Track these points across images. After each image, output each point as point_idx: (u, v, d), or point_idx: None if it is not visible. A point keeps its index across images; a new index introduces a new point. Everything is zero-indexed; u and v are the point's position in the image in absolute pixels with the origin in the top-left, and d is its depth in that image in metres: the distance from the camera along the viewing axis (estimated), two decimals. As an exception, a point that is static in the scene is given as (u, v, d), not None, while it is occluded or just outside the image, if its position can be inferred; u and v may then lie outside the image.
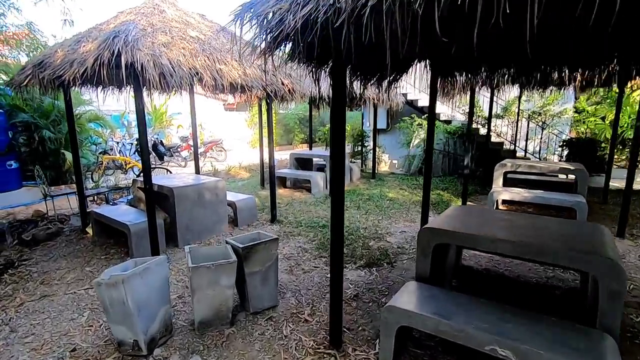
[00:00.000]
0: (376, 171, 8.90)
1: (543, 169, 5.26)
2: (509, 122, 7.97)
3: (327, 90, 5.97)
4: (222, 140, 12.35)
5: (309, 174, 7.34)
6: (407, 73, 3.95)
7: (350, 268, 3.77)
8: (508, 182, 5.81)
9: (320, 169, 8.88)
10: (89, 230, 4.90)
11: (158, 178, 5.27)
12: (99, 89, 5.71)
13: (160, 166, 6.91)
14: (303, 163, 8.47)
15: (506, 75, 4.56)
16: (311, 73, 2.92)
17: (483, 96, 7.76)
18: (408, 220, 5.42)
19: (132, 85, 3.30)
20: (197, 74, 3.43)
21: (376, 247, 4.33)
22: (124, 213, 4.48)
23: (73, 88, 5.26)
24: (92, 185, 7.65)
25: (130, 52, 2.99)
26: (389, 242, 4.48)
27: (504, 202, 5.56)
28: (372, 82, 3.72)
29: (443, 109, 8.88)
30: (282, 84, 4.46)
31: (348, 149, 10.88)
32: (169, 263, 3.94)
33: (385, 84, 3.90)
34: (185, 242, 4.49)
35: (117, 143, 9.85)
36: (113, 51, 2.96)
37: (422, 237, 2.54)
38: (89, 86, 5.41)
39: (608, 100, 7.28)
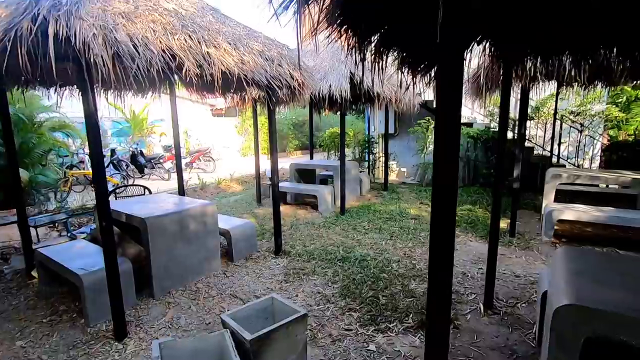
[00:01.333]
0: (387, 182, 7.90)
1: (609, 180, 4.32)
2: (538, 124, 7.09)
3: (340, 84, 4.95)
4: (210, 149, 11.21)
5: (314, 189, 6.28)
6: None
7: (395, 331, 2.71)
8: (559, 196, 4.86)
9: (324, 180, 7.83)
10: (35, 274, 3.73)
11: (128, 203, 4.14)
12: (52, 89, 4.62)
13: (135, 184, 5.74)
14: (304, 174, 7.41)
15: (565, 64, 3.62)
16: (354, 48, 1.88)
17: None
18: (446, 247, 4.40)
19: (72, 73, 2.22)
20: (175, 58, 2.36)
21: (421, 291, 3.28)
22: (78, 254, 3.33)
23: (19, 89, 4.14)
24: (54, 207, 6.43)
25: (65, 21, 1.91)
26: (435, 284, 3.43)
27: (560, 221, 4.59)
28: (420, 69, 2.71)
29: (462, 110, 7.95)
30: (292, 76, 3.41)
31: (349, 155, 9.86)
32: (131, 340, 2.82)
33: (433, 72, 2.90)
34: (163, 290, 3.37)
35: (89, 155, 8.62)
36: (36, 19, 1.87)
37: (564, 320, 1.50)
38: (33, 86, 4.30)
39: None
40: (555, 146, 7.07)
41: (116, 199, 5.59)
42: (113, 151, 9.06)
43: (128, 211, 3.47)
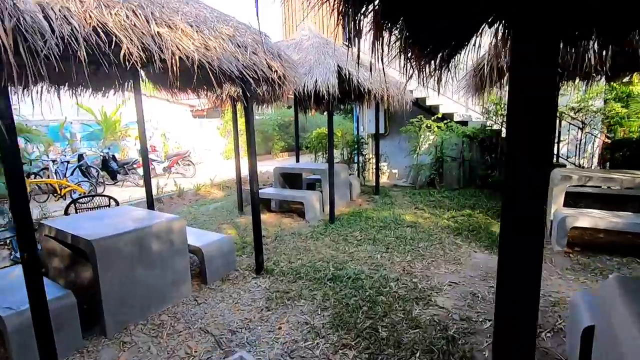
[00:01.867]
0: (379, 185, 7.43)
1: (625, 182, 3.93)
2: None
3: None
4: (189, 152, 10.56)
5: (301, 195, 5.75)
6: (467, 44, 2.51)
7: (401, 375, 2.21)
8: (568, 199, 4.47)
9: (311, 185, 7.32)
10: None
11: (80, 219, 3.55)
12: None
13: (99, 194, 5.11)
14: (290, 179, 6.88)
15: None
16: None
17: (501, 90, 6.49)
18: (449, 260, 3.94)
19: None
20: (110, 38, 1.80)
21: (427, 318, 2.80)
22: (9, 286, 2.73)
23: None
24: (7, 222, 5.72)
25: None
26: (442, 308, 2.95)
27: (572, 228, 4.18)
28: (428, 53, 2.22)
29: (456, 107, 7.56)
30: (269, 67, 2.88)
31: (338, 157, 9.37)
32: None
33: (439, 59, 2.43)
34: (119, 325, 2.80)
35: (53, 162, 7.88)
36: None
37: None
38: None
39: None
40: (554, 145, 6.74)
41: (77, 211, 4.95)
42: (81, 156, 8.34)
43: (74, 231, 2.88)
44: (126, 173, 9.14)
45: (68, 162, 7.84)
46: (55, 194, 7.00)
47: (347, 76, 4.68)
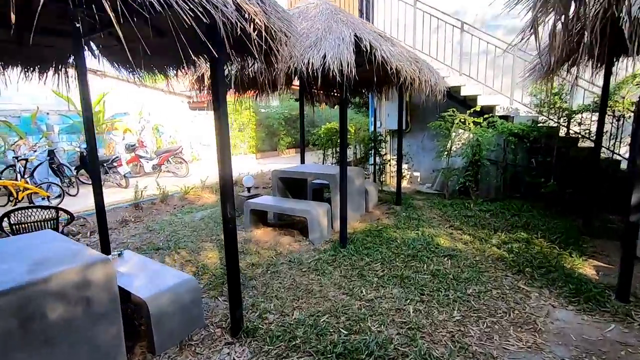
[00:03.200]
0: (400, 193, 6.15)
1: None
2: (611, 116, 5.34)
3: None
4: (181, 149, 9.42)
5: (304, 208, 4.53)
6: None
7: None
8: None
9: (318, 191, 6.09)
10: None
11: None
12: None
13: (40, 205, 3.96)
14: (292, 184, 5.67)
15: None
16: None
17: (567, 82, 5.13)
18: (518, 322, 2.67)
19: None
20: None
21: None
22: None
23: None
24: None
25: None
26: None
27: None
28: None
29: (498, 98, 6.21)
30: (239, 10, 1.66)
31: (350, 156, 8.10)
32: None
33: None
34: None
35: (16, 158, 6.80)
36: None
37: None
38: None
39: None
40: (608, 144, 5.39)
41: (11, 228, 3.82)
42: (51, 152, 7.25)
43: None
44: (106, 172, 8.04)
45: (26, 160, 6.75)
46: (12, 198, 5.92)
47: (368, 50, 3.41)
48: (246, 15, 1.72)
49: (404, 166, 7.63)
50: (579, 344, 2.39)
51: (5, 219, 3.85)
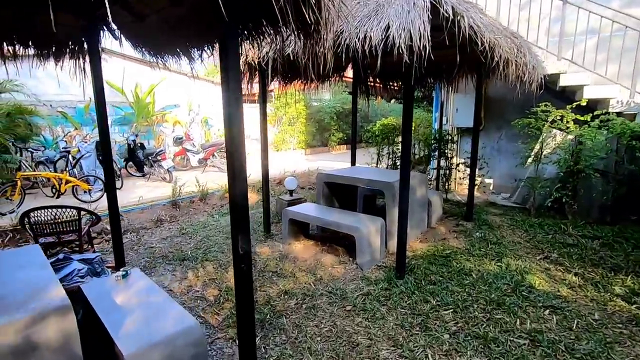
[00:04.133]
0: (473, 206, 5.03)
1: None
2: None
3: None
4: (227, 143, 9.05)
5: (352, 222, 3.70)
6: None
7: None
8: None
9: (370, 199, 5.22)
10: None
11: None
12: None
13: (61, 205, 3.59)
14: (340, 189, 4.85)
15: None
16: None
17: None
18: None
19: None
20: None
21: None
22: None
23: None
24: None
25: None
26: None
27: None
28: None
29: (612, 90, 4.80)
30: None
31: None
32: None
33: None
34: None
35: (67, 150, 6.82)
36: None
37: None
38: None
39: None
40: None
41: (32, 228, 3.51)
42: (99, 144, 7.20)
43: None
44: (151, 165, 7.90)
45: (68, 152, 6.71)
46: (54, 190, 5.86)
47: (450, 17, 2.44)
48: None
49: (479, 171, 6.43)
50: None
51: (26, 218, 3.56)
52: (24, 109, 5.78)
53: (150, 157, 7.78)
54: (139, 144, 8.14)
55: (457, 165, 6.23)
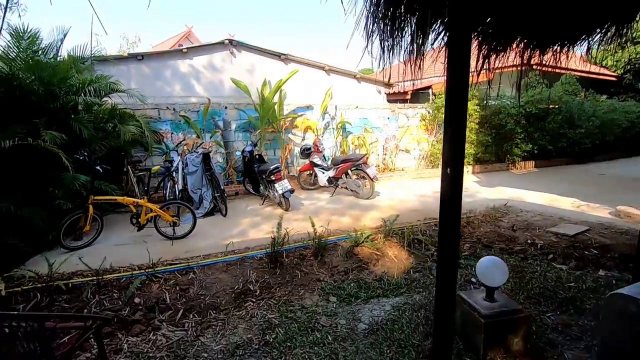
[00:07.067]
0: None
1: None
2: None
3: None
4: (365, 158, 6.56)
5: None
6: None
7: None
8: None
9: None
10: None
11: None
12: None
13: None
14: None
15: None
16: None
17: None
18: None
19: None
20: None
21: None
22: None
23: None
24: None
25: None
26: None
27: None
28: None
29: None
30: None
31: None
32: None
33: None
34: None
35: (170, 162, 5.60)
36: None
37: None
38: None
39: None
40: None
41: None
42: (206, 157, 5.76)
43: None
44: (265, 186, 6.10)
45: (149, 170, 5.34)
46: (134, 219, 4.47)
47: None
48: None
49: None
50: None
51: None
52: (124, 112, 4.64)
53: (264, 176, 5.98)
54: (256, 156, 6.49)
55: None
